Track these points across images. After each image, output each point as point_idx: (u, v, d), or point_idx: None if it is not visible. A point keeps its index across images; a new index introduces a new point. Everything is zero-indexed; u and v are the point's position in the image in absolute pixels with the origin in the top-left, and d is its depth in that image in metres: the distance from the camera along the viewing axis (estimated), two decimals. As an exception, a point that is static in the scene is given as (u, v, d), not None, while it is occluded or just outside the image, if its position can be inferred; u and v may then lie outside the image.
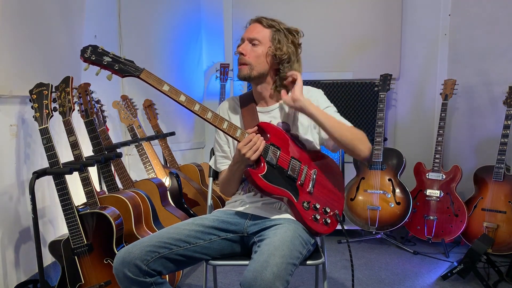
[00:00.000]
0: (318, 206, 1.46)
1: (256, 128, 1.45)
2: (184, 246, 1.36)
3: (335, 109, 1.57)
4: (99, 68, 1.34)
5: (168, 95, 1.35)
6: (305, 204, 1.44)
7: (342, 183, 1.62)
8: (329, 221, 1.46)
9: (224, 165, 1.60)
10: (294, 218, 1.45)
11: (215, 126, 1.42)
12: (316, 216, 1.44)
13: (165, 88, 1.35)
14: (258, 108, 1.58)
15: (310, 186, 1.47)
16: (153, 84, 1.34)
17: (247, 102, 1.60)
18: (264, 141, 1.41)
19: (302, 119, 1.54)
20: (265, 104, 1.58)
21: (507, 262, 2.38)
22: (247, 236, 1.46)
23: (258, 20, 1.51)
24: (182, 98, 1.38)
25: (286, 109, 1.56)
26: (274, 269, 1.15)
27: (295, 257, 1.26)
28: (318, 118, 1.43)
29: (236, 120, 1.60)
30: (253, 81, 1.54)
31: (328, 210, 1.48)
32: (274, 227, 1.39)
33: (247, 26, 1.55)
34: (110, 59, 1.33)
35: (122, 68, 1.33)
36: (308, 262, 1.44)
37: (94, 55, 1.32)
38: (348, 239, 1.45)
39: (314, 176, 1.50)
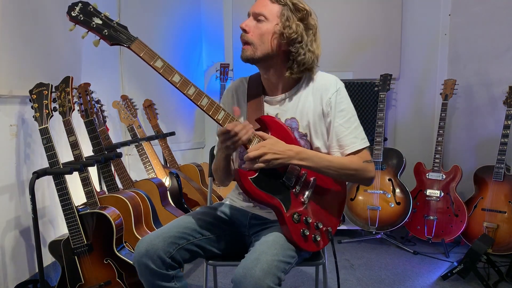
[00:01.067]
0: (310, 221, 1.32)
1: (256, 125, 1.31)
2: (198, 237, 1.36)
3: (350, 114, 1.37)
4: (86, 30, 1.18)
5: (160, 73, 1.19)
6: (295, 216, 1.29)
7: (344, 194, 1.46)
8: (318, 238, 1.33)
9: None
10: None
11: (209, 115, 1.25)
12: (305, 232, 1.29)
13: (158, 64, 1.18)
14: (265, 98, 1.42)
15: (305, 196, 1.33)
16: (144, 58, 1.17)
17: (255, 87, 1.44)
18: (251, 132, 1.24)
19: (314, 116, 1.38)
20: (274, 92, 1.41)
21: (507, 262, 2.38)
22: (249, 236, 1.47)
23: None
24: (176, 79, 1.19)
25: (299, 102, 1.39)
26: (264, 266, 1.14)
27: (288, 256, 1.24)
28: (309, 167, 1.30)
29: (241, 106, 1.46)
30: (258, 64, 1.37)
31: (321, 226, 1.34)
32: (271, 227, 1.37)
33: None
34: (100, 22, 1.16)
35: (112, 34, 1.17)
36: (308, 262, 1.44)
37: (82, 15, 1.16)
38: (336, 260, 1.41)
39: (313, 184, 1.35)
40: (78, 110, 2.09)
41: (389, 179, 2.91)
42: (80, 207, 1.91)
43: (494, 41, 2.90)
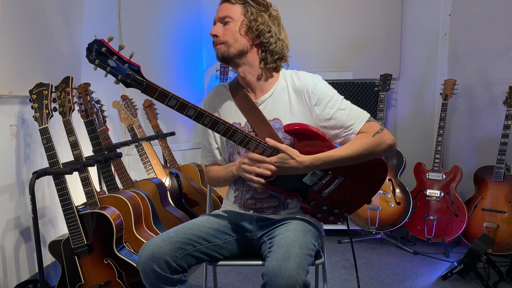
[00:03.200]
0: (325, 208, 1.44)
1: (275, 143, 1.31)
2: (205, 244, 1.37)
3: (340, 98, 1.40)
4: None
5: (176, 110, 1.24)
6: (311, 203, 1.41)
7: (371, 190, 1.47)
8: (332, 218, 1.46)
9: (205, 161, 1.57)
10: (298, 216, 1.45)
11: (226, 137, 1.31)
12: (318, 215, 1.44)
13: (172, 103, 1.22)
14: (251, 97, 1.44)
15: (325, 191, 1.41)
16: (158, 100, 1.22)
17: (239, 92, 1.45)
18: (271, 170, 1.28)
19: (298, 114, 1.39)
20: (254, 95, 1.44)
21: (507, 262, 2.38)
22: (256, 239, 1.47)
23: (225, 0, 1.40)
24: (191, 112, 1.25)
25: (280, 102, 1.41)
26: (296, 259, 1.16)
27: (310, 249, 1.27)
28: (330, 165, 1.34)
29: (230, 112, 1.46)
30: (234, 62, 1.40)
31: (337, 211, 1.45)
32: (283, 225, 1.39)
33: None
34: (115, 65, 1.19)
35: (124, 79, 1.20)
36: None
37: (98, 59, 1.20)
38: (352, 238, 1.44)
39: (336, 183, 1.40)
40: (78, 110, 2.09)
41: (389, 179, 2.91)
42: (80, 207, 1.91)
43: (494, 41, 2.90)
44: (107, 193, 2.15)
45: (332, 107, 1.37)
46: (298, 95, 1.40)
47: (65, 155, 2.21)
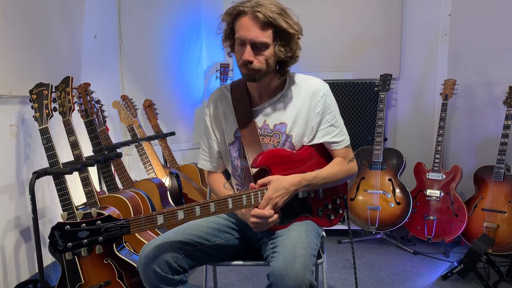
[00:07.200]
0: (330, 207, 1.47)
1: (262, 179, 1.31)
2: (205, 244, 1.37)
3: (337, 114, 1.44)
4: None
5: (167, 227, 1.21)
6: (319, 212, 1.45)
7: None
8: (341, 212, 1.51)
9: (205, 166, 1.57)
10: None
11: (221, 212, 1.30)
12: (331, 216, 1.48)
13: (160, 221, 1.18)
14: (253, 106, 1.45)
15: (319, 192, 1.46)
16: (147, 228, 1.17)
17: (239, 96, 1.45)
18: (276, 215, 1.29)
19: (301, 119, 1.41)
20: (261, 99, 1.44)
21: (507, 262, 2.38)
22: (256, 239, 1.47)
23: (255, 16, 1.27)
24: (180, 215, 1.22)
25: (286, 106, 1.42)
26: (301, 260, 1.17)
27: (314, 249, 1.28)
28: (310, 187, 1.38)
29: (228, 119, 1.47)
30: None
31: (338, 202, 1.50)
32: (285, 227, 1.39)
33: (234, 16, 1.33)
34: (88, 233, 1.08)
35: (107, 237, 1.10)
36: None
37: (68, 241, 1.07)
38: (351, 234, 1.47)
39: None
40: (78, 110, 2.10)
41: (389, 179, 2.91)
42: (80, 207, 1.91)
43: (494, 41, 2.90)
44: (107, 193, 2.15)
45: (328, 120, 1.42)
46: (306, 98, 1.41)
47: (65, 155, 2.21)
